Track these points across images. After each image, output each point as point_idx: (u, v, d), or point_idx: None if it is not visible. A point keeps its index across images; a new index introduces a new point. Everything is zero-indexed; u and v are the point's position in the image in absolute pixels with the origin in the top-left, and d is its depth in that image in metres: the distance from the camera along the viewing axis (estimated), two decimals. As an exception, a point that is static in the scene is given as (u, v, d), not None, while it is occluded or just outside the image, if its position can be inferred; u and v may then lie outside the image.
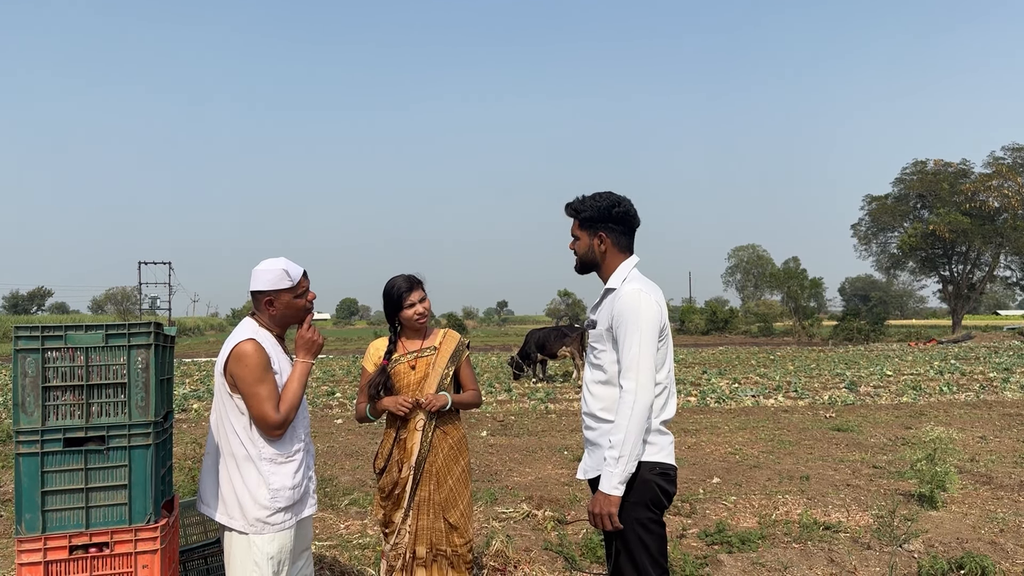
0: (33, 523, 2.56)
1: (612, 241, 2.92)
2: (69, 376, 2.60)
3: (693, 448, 9.15)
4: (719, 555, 4.95)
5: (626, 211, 2.91)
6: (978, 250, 50.43)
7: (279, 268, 2.91)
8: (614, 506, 2.68)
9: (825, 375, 18.86)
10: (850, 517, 5.90)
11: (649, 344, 2.71)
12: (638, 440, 2.67)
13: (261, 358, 2.78)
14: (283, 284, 2.90)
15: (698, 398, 14.06)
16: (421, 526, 3.53)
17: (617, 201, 2.91)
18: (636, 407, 2.66)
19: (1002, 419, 11.32)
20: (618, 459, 2.66)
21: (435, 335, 3.71)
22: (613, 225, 2.91)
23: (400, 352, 3.64)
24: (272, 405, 2.78)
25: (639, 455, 2.70)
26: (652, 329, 2.73)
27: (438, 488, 3.56)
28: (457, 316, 71.33)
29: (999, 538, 5.33)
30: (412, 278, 3.60)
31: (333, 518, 5.95)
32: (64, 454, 2.59)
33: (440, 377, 3.61)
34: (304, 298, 2.97)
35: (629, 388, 2.69)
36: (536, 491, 6.78)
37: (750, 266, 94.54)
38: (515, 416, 12.14)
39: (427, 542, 3.53)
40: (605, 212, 2.89)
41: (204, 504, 2.95)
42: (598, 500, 2.71)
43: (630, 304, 2.75)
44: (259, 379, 2.76)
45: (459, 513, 3.58)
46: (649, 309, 2.74)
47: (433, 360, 3.63)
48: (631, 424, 2.65)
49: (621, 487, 2.68)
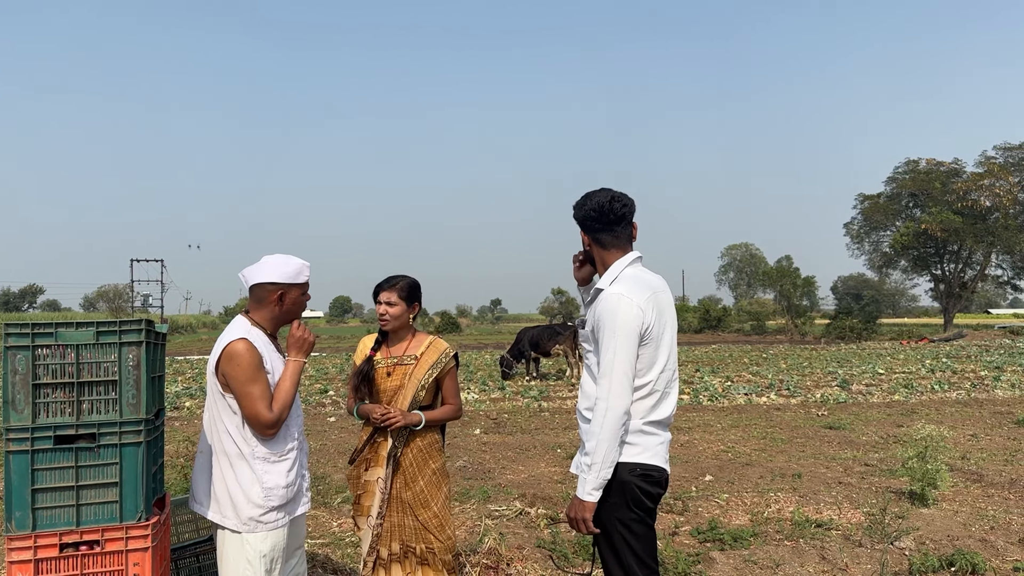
0: (23, 521, 2.54)
1: (595, 240, 2.86)
2: (60, 373, 2.59)
3: (686, 446, 9.17)
4: (711, 552, 4.97)
5: (596, 206, 2.80)
6: (970, 249, 50.69)
7: (299, 262, 2.92)
8: (588, 511, 2.66)
9: (817, 373, 18.92)
10: (842, 514, 5.92)
11: (624, 350, 2.64)
12: (612, 447, 2.62)
13: (253, 357, 2.76)
14: (301, 278, 2.92)
15: (691, 396, 14.10)
16: (392, 524, 3.51)
17: (586, 199, 2.84)
18: (608, 414, 2.61)
19: (993, 417, 11.38)
20: (591, 466, 2.62)
21: (421, 342, 3.60)
22: (591, 223, 2.85)
23: (382, 355, 3.58)
24: (265, 404, 2.76)
25: (614, 460, 2.65)
26: (628, 334, 2.65)
27: (406, 486, 3.50)
28: (451, 314, 71.37)
29: (990, 535, 5.36)
30: (395, 279, 3.56)
31: (326, 516, 5.94)
32: (54, 452, 2.57)
33: (416, 389, 3.49)
34: (306, 296, 2.99)
35: (601, 395, 2.63)
36: (529, 489, 6.78)
37: (743, 264, 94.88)
38: (508, 414, 12.15)
39: (398, 539, 3.50)
40: (582, 213, 2.85)
41: (197, 503, 2.94)
42: (573, 505, 2.69)
43: (608, 308, 2.68)
44: (251, 379, 2.75)
45: (431, 513, 3.51)
46: (627, 313, 2.66)
47: (411, 370, 3.53)
48: (603, 431, 2.60)
49: (595, 493, 2.64)
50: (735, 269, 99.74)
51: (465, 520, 5.78)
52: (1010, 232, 47.93)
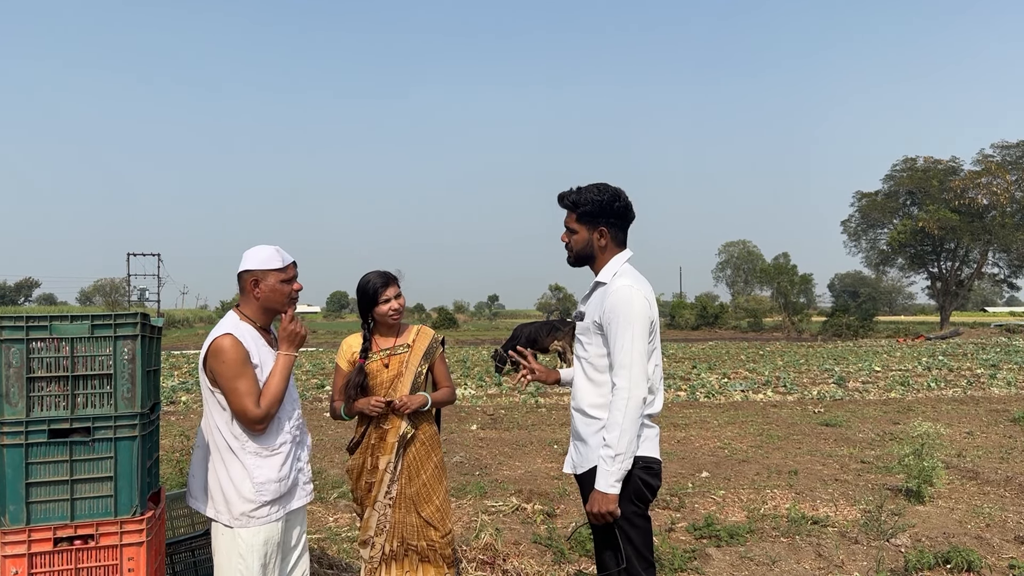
0: (17, 515, 2.53)
1: (611, 236, 2.89)
2: (54, 367, 2.57)
3: (682, 442, 9.18)
4: (707, 548, 4.97)
5: (625, 205, 2.88)
6: (967, 247, 50.79)
7: (271, 248, 2.91)
8: (613, 503, 2.67)
9: (814, 370, 18.95)
10: (838, 511, 5.93)
11: (641, 340, 2.70)
12: (633, 437, 2.66)
13: (238, 353, 2.74)
14: (273, 264, 2.87)
15: (688, 392, 14.11)
16: (395, 521, 3.53)
17: (617, 195, 2.87)
18: (630, 404, 2.65)
19: (989, 415, 11.41)
20: (614, 457, 2.64)
21: (408, 332, 3.68)
22: (613, 220, 2.88)
23: (373, 349, 3.61)
24: (252, 400, 2.74)
25: (635, 451, 2.69)
26: (643, 325, 2.72)
27: (410, 482, 3.54)
28: (448, 310, 71.30)
29: (985, 532, 5.37)
30: (387, 274, 3.59)
31: (322, 511, 5.94)
32: (49, 445, 2.56)
33: (414, 375, 3.58)
34: (290, 285, 2.93)
35: (622, 385, 2.66)
36: (526, 484, 6.78)
37: (740, 261, 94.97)
38: (505, 410, 12.15)
39: (399, 536, 3.52)
40: (606, 207, 2.85)
41: (192, 497, 2.95)
42: (596, 499, 2.69)
43: (621, 300, 2.72)
44: (237, 374, 2.73)
45: (434, 508, 3.56)
46: (640, 305, 2.72)
47: (407, 358, 3.60)
48: (626, 422, 2.63)
49: (618, 485, 2.66)
50: (732, 266, 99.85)
51: (461, 516, 5.78)
52: (1007, 230, 48.01)
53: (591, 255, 2.92)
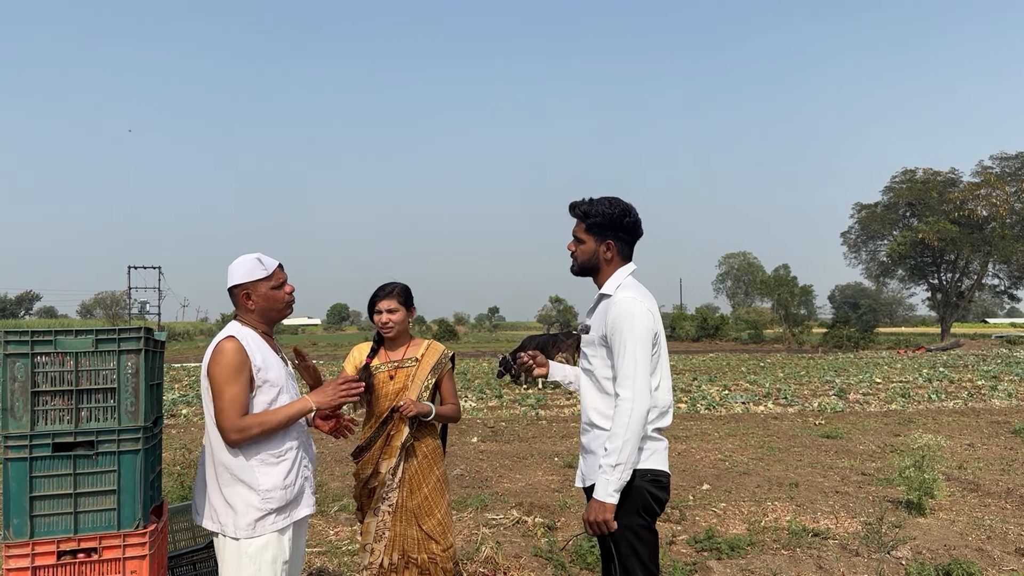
0: (21, 528, 2.54)
1: (618, 249, 2.92)
2: (58, 381, 2.60)
3: (683, 454, 9.16)
4: (708, 561, 4.97)
5: (635, 222, 2.91)
6: (966, 258, 50.79)
7: (252, 258, 2.88)
8: (609, 513, 2.68)
9: (814, 382, 18.93)
10: (839, 524, 5.93)
11: (644, 352, 2.71)
12: (635, 448, 2.67)
13: (237, 358, 2.72)
14: (257, 274, 2.86)
15: (688, 404, 14.09)
16: (395, 533, 3.53)
17: (628, 210, 2.90)
18: (633, 415, 2.66)
19: (990, 426, 11.40)
20: (614, 467, 2.65)
21: (418, 346, 3.71)
22: (622, 234, 2.91)
23: (381, 360, 3.64)
24: (236, 409, 2.69)
25: (635, 463, 2.71)
26: (646, 337, 2.73)
27: (411, 495, 3.56)
28: (448, 322, 71.29)
29: (986, 545, 5.36)
30: (388, 286, 3.62)
31: (322, 524, 5.93)
32: (53, 459, 2.58)
33: (420, 389, 3.60)
34: (282, 289, 2.92)
35: (626, 396, 2.68)
36: (526, 497, 6.78)
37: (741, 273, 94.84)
38: (506, 422, 12.14)
39: (400, 549, 3.53)
40: (616, 220, 2.88)
41: (196, 512, 2.90)
42: (593, 508, 2.70)
43: (625, 312, 2.74)
44: (229, 379, 2.70)
45: (436, 521, 3.57)
46: (643, 316, 2.74)
47: (413, 372, 3.63)
48: (628, 433, 2.65)
49: (616, 495, 2.67)
50: (732, 278, 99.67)
51: (462, 528, 5.78)
52: (1006, 242, 48.04)
53: (596, 266, 2.95)
